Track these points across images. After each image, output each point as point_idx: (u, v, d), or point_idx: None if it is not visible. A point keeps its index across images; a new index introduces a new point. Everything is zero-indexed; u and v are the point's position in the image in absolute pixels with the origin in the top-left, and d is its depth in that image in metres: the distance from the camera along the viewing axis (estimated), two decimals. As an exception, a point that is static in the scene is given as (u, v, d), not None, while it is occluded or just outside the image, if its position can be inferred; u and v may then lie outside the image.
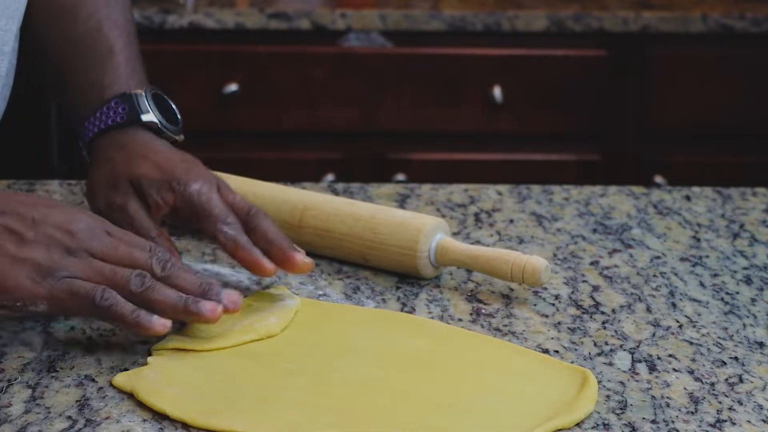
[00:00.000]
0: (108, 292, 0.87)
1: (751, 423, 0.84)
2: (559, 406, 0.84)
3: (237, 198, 1.02)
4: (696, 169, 2.51)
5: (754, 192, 1.29)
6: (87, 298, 0.87)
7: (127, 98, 1.06)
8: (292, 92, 2.49)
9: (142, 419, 0.83)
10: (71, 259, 0.88)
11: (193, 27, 2.44)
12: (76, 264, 0.88)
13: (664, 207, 1.25)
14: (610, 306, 1.02)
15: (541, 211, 1.23)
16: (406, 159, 2.52)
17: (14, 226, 0.88)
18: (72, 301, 0.87)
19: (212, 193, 1.01)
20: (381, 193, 1.26)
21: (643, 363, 0.92)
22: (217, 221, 0.99)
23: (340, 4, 2.50)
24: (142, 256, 0.90)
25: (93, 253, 0.89)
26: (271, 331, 0.94)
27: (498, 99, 2.47)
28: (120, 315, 0.87)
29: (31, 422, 0.82)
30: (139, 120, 1.06)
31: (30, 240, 0.87)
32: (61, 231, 0.88)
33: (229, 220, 0.99)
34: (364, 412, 0.83)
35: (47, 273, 0.87)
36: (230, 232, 0.99)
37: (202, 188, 1.01)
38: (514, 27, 2.46)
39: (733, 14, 2.46)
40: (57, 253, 0.87)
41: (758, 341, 0.96)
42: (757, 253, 1.13)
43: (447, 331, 0.96)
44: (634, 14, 2.46)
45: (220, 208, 1.00)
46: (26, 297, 0.86)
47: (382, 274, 1.06)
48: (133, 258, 0.90)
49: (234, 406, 0.84)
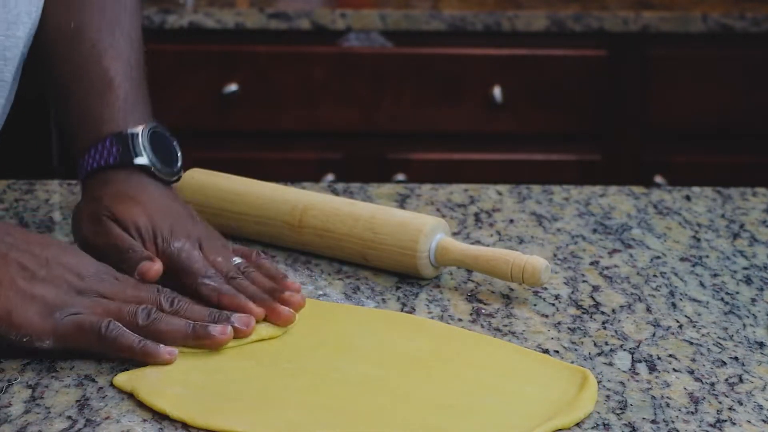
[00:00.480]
0: (114, 324, 0.88)
1: (751, 423, 0.84)
2: (559, 406, 0.84)
3: (218, 258, 0.99)
4: (696, 169, 2.51)
5: (754, 192, 1.29)
6: (93, 331, 0.88)
7: (122, 139, 1.02)
8: (292, 92, 2.49)
9: (142, 419, 0.83)
10: (79, 298, 0.89)
11: (193, 27, 2.44)
12: (83, 302, 0.89)
13: (664, 207, 1.25)
14: (610, 306, 1.02)
15: (541, 211, 1.23)
16: (406, 159, 2.52)
17: (27, 263, 0.90)
18: (78, 335, 0.88)
19: (193, 251, 0.98)
20: (381, 193, 1.26)
21: (643, 363, 0.92)
22: (197, 276, 0.96)
23: (340, 4, 2.50)
24: (150, 296, 0.92)
25: (102, 294, 0.91)
26: (272, 333, 0.94)
27: (498, 99, 2.47)
28: (127, 345, 0.88)
29: (31, 422, 0.82)
30: (131, 163, 1.01)
31: (41, 278, 0.89)
32: (71, 273, 0.90)
33: (210, 273, 0.97)
34: (364, 412, 0.83)
35: (55, 310, 0.88)
36: (211, 283, 0.96)
37: (184, 246, 0.98)
38: (514, 27, 2.46)
39: (733, 14, 2.46)
40: (66, 292, 0.89)
41: (758, 341, 0.96)
42: (757, 253, 1.13)
43: (447, 331, 0.96)
44: (634, 14, 2.46)
45: (200, 263, 0.97)
46: (33, 332, 0.88)
47: (382, 274, 1.06)
48: (141, 298, 0.91)
49: (234, 406, 0.84)
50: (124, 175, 1.01)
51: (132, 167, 1.01)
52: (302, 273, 1.07)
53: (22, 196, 1.24)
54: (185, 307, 0.92)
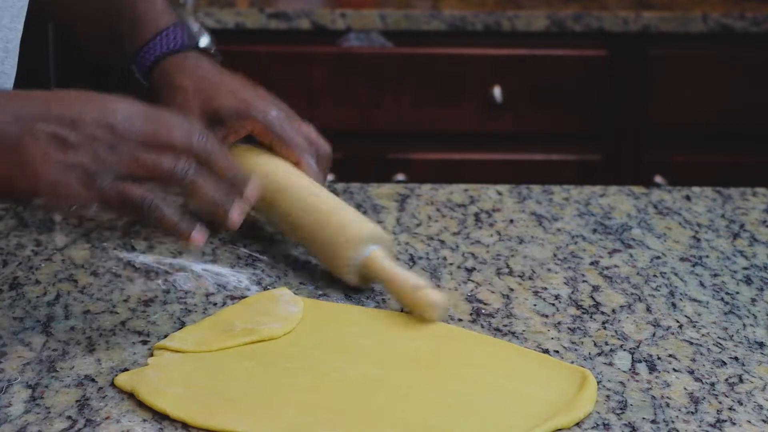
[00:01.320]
0: (155, 202, 0.88)
1: (751, 423, 0.84)
2: (558, 406, 0.84)
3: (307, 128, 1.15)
4: (696, 169, 2.51)
5: (754, 192, 1.29)
6: (135, 205, 0.88)
7: (182, 25, 1.14)
8: (292, 92, 2.49)
9: (142, 419, 0.83)
10: (116, 157, 0.88)
11: (193, 27, 2.44)
12: (120, 161, 0.88)
13: (664, 207, 1.25)
14: (610, 306, 1.02)
15: (541, 211, 1.23)
16: (406, 159, 2.52)
17: (57, 132, 0.87)
18: (122, 205, 0.88)
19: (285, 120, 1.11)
20: (381, 193, 1.26)
21: (643, 363, 0.92)
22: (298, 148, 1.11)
23: (340, 4, 2.50)
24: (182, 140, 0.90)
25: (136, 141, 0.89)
26: (274, 334, 0.94)
27: (498, 99, 2.47)
28: (166, 224, 0.89)
29: (31, 422, 0.82)
30: (197, 45, 1.14)
31: (74, 143, 0.87)
32: (101, 128, 0.88)
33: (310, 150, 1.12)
34: (364, 412, 0.83)
35: (96, 175, 0.87)
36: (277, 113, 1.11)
37: (280, 114, 1.11)
38: (514, 27, 2.46)
39: (733, 14, 2.46)
40: (102, 151, 0.87)
41: (758, 341, 0.96)
42: (757, 253, 1.13)
43: (447, 331, 0.96)
44: (634, 14, 2.46)
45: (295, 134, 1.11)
46: (79, 202, 0.87)
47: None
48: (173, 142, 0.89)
49: (234, 406, 0.84)
50: (193, 59, 1.14)
51: (196, 50, 1.14)
52: (302, 273, 1.07)
53: (22, 196, 1.24)
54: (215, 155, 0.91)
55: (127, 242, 1.12)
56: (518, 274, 1.07)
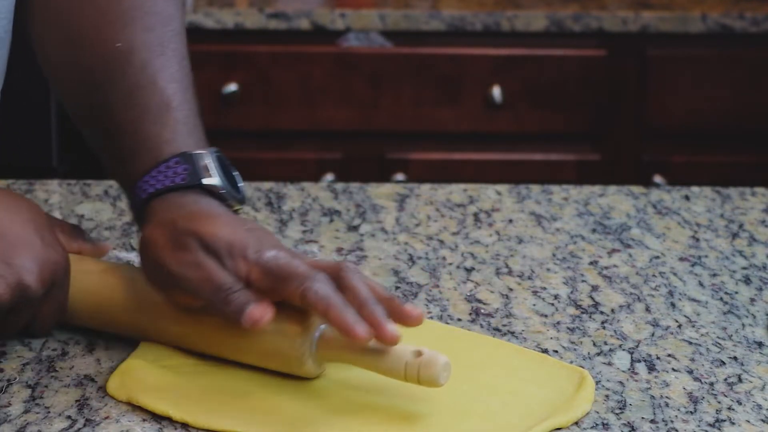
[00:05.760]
0: None
1: (750, 423, 0.84)
2: (556, 405, 0.84)
3: (321, 260, 0.89)
4: (695, 169, 2.51)
5: (754, 192, 1.29)
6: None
7: (188, 158, 0.93)
8: (292, 92, 2.49)
9: (142, 419, 0.83)
10: None
11: (193, 27, 2.44)
12: None
13: (663, 207, 1.25)
14: (609, 306, 1.02)
15: (540, 211, 1.23)
16: (406, 159, 2.52)
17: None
18: None
19: (292, 258, 0.87)
20: (380, 193, 1.26)
21: (643, 363, 0.92)
22: (304, 279, 0.84)
23: (340, 4, 2.50)
24: None
25: None
26: None
27: (497, 99, 2.47)
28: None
29: (31, 422, 0.82)
30: (200, 183, 0.92)
31: None
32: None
33: (319, 276, 0.85)
34: (363, 412, 0.83)
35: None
36: (321, 289, 0.84)
37: (279, 253, 0.87)
38: (513, 27, 2.46)
39: (732, 14, 2.46)
40: None
41: (757, 341, 0.96)
42: (756, 253, 1.14)
43: (446, 331, 0.96)
44: (633, 14, 2.46)
45: (304, 267, 0.86)
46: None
47: (381, 274, 1.06)
48: None
49: (234, 406, 0.84)
50: (193, 197, 0.92)
51: (199, 189, 0.92)
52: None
53: (21, 196, 1.24)
54: None
55: (126, 242, 1.12)
56: (517, 274, 1.07)
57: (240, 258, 0.87)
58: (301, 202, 1.24)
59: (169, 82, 0.97)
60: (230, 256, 0.87)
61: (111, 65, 0.97)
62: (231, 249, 0.87)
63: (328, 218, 1.20)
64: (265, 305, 0.84)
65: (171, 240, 0.88)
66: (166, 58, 0.98)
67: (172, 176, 0.92)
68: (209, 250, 0.87)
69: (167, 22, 1.00)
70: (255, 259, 0.86)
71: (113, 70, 0.97)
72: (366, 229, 1.17)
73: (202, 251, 0.87)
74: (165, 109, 0.96)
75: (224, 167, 0.94)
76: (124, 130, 0.95)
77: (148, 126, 0.95)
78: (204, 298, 0.86)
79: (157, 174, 0.93)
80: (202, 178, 0.92)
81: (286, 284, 0.85)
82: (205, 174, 0.92)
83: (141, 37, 0.98)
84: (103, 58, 0.98)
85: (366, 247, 1.13)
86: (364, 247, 1.13)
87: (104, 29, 0.98)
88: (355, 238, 1.15)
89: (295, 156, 2.51)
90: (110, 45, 0.98)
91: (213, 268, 0.86)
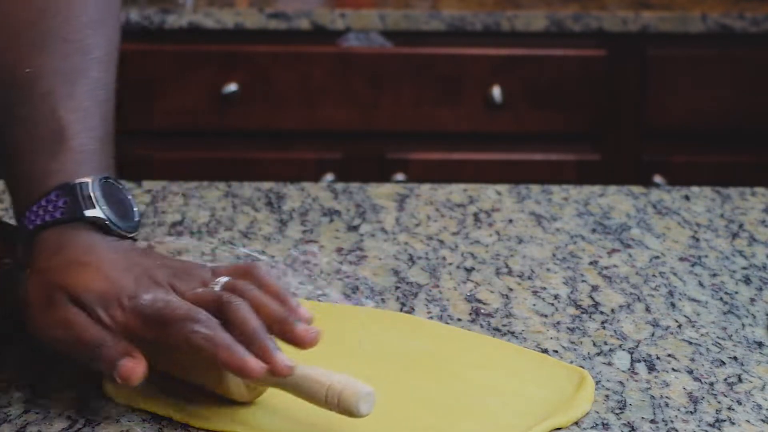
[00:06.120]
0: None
1: (750, 423, 0.84)
2: (556, 405, 0.84)
3: (200, 290, 0.84)
4: (695, 169, 2.51)
5: (753, 192, 1.29)
6: None
7: (69, 190, 0.87)
8: (292, 92, 2.49)
9: (142, 419, 0.83)
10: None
11: (193, 27, 2.45)
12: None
13: (663, 207, 1.25)
14: (609, 306, 1.02)
15: (540, 211, 1.23)
16: (406, 159, 2.52)
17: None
18: None
19: (168, 296, 0.82)
20: (380, 193, 1.26)
21: (642, 363, 0.92)
22: (185, 323, 0.80)
23: (340, 4, 2.50)
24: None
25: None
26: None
27: (497, 99, 2.47)
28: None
29: (31, 422, 0.82)
30: (82, 216, 0.86)
31: None
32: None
33: (200, 316, 0.81)
34: (363, 411, 0.83)
35: None
36: (203, 331, 0.80)
37: (156, 295, 0.82)
38: (513, 27, 2.46)
39: (732, 14, 2.46)
40: None
41: (757, 341, 0.96)
42: (756, 253, 1.14)
43: (446, 331, 0.96)
44: (633, 14, 2.46)
45: (182, 308, 0.81)
46: None
47: (381, 274, 1.06)
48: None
49: (234, 406, 0.84)
50: (71, 234, 0.86)
51: (82, 222, 0.86)
52: (301, 273, 1.07)
53: (21, 196, 1.24)
54: None
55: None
56: (517, 274, 1.07)
57: (115, 307, 0.82)
58: (301, 202, 1.24)
59: (70, 111, 0.91)
60: (103, 308, 0.82)
61: (14, 90, 0.92)
62: (104, 300, 0.82)
63: (328, 218, 1.20)
64: (137, 358, 0.80)
65: (43, 296, 0.84)
66: (75, 87, 0.92)
67: (52, 210, 0.87)
68: (78, 304, 0.82)
69: (88, 51, 0.94)
70: (131, 306, 0.82)
71: (16, 95, 0.92)
72: (366, 229, 1.17)
73: (72, 306, 0.82)
74: (59, 139, 0.90)
75: (114, 195, 0.89)
76: (15, 159, 0.90)
77: (38, 156, 0.89)
78: (77, 360, 0.83)
79: (37, 209, 0.87)
80: (85, 210, 0.86)
81: (168, 331, 0.81)
82: (88, 205, 0.86)
83: (52, 65, 0.93)
84: (10, 81, 0.92)
85: (366, 247, 1.13)
86: (364, 247, 1.13)
87: (15, 52, 0.93)
88: (355, 238, 1.15)
89: (295, 156, 2.51)
90: (19, 69, 0.92)
91: (82, 325, 0.82)
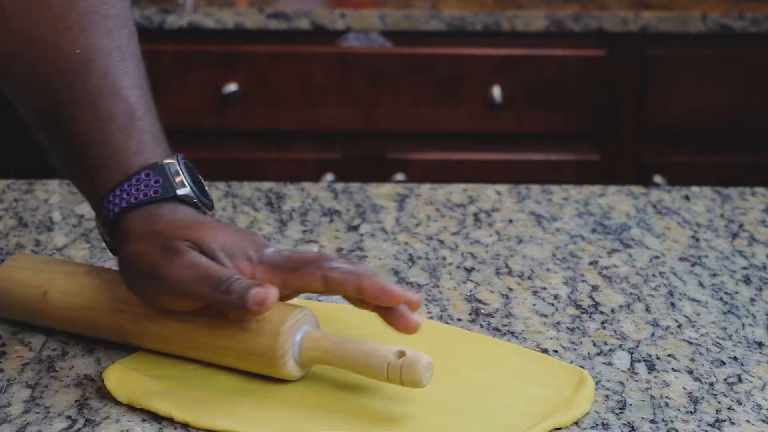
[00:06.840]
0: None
1: (750, 423, 0.84)
2: (556, 405, 0.84)
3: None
4: (695, 169, 2.51)
5: (753, 192, 1.29)
6: None
7: (159, 169, 0.91)
8: (292, 92, 2.49)
9: (142, 419, 0.83)
10: None
11: (193, 27, 2.45)
12: None
13: (663, 207, 1.25)
14: (609, 306, 1.02)
15: (540, 211, 1.23)
16: (406, 159, 2.52)
17: None
18: None
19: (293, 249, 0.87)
20: (380, 193, 1.26)
21: (642, 363, 0.92)
22: (320, 262, 0.85)
23: (340, 3, 2.50)
24: None
25: None
26: None
27: (497, 99, 2.47)
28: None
29: (31, 422, 0.82)
30: (174, 194, 0.90)
31: None
32: None
33: (333, 255, 0.86)
34: (363, 411, 0.83)
35: None
36: (342, 265, 0.84)
37: (279, 248, 0.87)
38: (513, 27, 2.46)
39: (732, 14, 2.46)
40: None
41: (757, 341, 0.96)
42: (756, 253, 1.14)
43: (446, 331, 0.96)
44: (633, 14, 2.46)
45: (313, 253, 0.86)
46: None
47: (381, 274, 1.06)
48: None
49: (234, 406, 0.84)
50: (169, 208, 0.90)
51: (173, 199, 0.91)
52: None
53: (21, 196, 1.24)
54: None
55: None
56: (517, 274, 1.07)
57: (241, 259, 0.86)
58: (301, 202, 1.24)
59: (131, 89, 0.94)
60: (230, 258, 0.86)
61: (71, 72, 0.93)
62: (230, 251, 0.86)
63: (328, 218, 1.20)
64: (268, 286, 0.83)
65: (160, 248, 0.87)
66: (127, 64, 0.94)
67: (145, 189, 0.90)
68: (205, 254, 0.86)
69: (123, 25, 0.96)
70: (258, 257, 0.86)
71: (74, 77, 0.93)
72: (366, 229, 1.17)
73: (197, 253, 0.86)
74: (130, 119, 0.92)
75: (191, 173, 0.93)
76: (88, 141, 0.92)
77: (114, 137, 0.92)
78: (204, 295, 0.85)
79: (128, 188, 0.90)
80: (176, 189, 0.90)
81: (301, 272, 0.85)
82: (178, 184, 0.91)
83: (100, 42, 0.94)
84: (62, 64, 0.93)
85: (366, 247, 1.13)
86: (364, 247, 1.13)
87: (61, 34, 0.94)
88: (355, 238, 1.15)
89: (295, 156, 2.52)
90: (68, 51, 0.93)
91: (210, 265, 0.85)
